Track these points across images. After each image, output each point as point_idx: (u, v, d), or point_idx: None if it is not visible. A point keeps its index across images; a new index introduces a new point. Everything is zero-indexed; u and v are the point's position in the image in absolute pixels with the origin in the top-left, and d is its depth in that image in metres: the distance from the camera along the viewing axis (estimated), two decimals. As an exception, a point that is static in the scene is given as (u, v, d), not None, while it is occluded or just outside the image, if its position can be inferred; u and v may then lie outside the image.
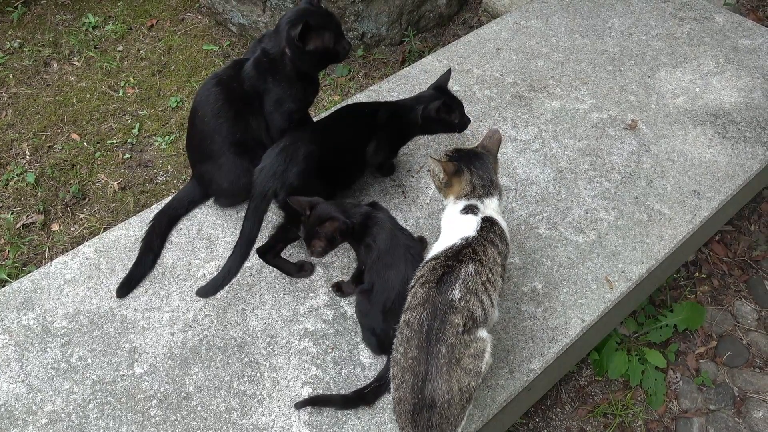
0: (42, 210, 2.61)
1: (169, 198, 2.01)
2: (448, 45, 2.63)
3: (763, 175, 2.21)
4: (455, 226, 1.42)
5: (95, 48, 3.34)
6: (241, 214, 1.76)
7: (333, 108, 2.11)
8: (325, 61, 1.82)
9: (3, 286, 1.99)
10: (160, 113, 3.01)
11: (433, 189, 1.96)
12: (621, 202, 2.02)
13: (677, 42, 2.58)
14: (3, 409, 1.58)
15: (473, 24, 3.43)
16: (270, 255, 1.80)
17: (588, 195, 2.04)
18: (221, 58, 3.28)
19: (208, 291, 1.74)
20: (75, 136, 2.90)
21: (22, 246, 2.50)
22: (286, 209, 1.74)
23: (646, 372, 2.18)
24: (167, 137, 2.88)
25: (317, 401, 1.57)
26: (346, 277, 1.81)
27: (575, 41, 2.60)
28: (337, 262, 1.87)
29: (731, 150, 2.17)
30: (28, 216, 2.60)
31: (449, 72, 1.96)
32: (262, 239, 1.78)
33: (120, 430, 1.54)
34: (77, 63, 3.26)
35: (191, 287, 1.80)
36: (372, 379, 1.59)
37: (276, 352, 1.67)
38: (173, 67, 3.23)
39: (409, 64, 2.80)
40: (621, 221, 1.97)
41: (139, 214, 2.01)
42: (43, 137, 2.90)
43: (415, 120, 1.88)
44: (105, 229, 2.46)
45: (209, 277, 1.76)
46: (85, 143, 2.87)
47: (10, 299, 1.79)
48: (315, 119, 1.96)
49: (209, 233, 1.94)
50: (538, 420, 2.12)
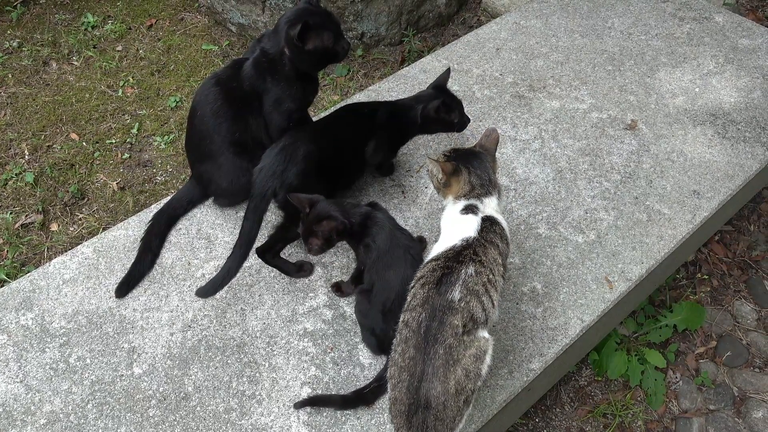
0: (41, 210, 2.61)
1: (168, 198, 2.01)
2: (447, 45, 2.63)
3: (763, 175, 2.21)
4: (455, 226, 1.42)
5: (94, 48, 3.34)
6: (241, 213, 1.76)
7: (332, 108, 2.11)
8: (325, 61, 1.82)
9: (1, 286, 1.99)
10: (159, 113, 3.00)
11: (433, 189, 1.96)
12: (621, 202, 2.02)
13: (677, 42, 2.58)
14: (1, 410, 1.57)
15: (473, 24, 3.43)
16: (269, 255, 1.79)
17: (588, 195, 2.04)
18: (220, 57, 3.27)
19: (207, 291, 1.74)
20: (74, 135, 2.90)
21: (20, 246, 2.50)
22: (285, 209, 1.74)
23: (645, 372, 2.18)
24: (166, 137, 2.88)
25: (316, 401, 1.57)
26: (345, 277, 1.81)
27: (575, 41, 2.60)
28: (337, 262, 1.86)
29: (731, 150, 2.17)
30: (26, 216, 2.59)
31: (448, 71, 1.96)
32: (261, 239, 1.77)
33: (119, 430, 1.54)
34: (76, 63, 3.26)
35: (190, 287, 1.80)
36: (371, 380, 1.59)
37: (275, 352, 1.67)
38: (172, 67, 3.23)
39: (409, 63, 2.79)
40: (620, 221, 1.96)
41: (138, 213, 2.01)
42: (42, 137, 2.89)
43: (415, 119, 1.87)
44: (104, 229, 2.46)
45: (208, 277, 1.76)
46: (84, 143, 2.87)
47: (8, 299, 1.79)
48: (314, 119, 1.96)
49: (208, 233, 1.94)
50: (537, 420, 2.11)
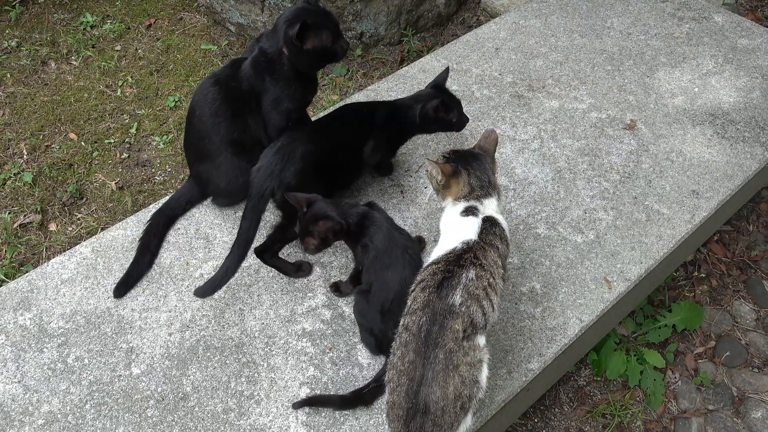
0: (39, 210, 2.60)
1: (167, 198, 2.00)
2: (446, 44, 2.62)
3: (762, 175, 2.21)
4: (456, 228, 1.41)
5: (93, 47, 3.34)
6: (239, 213, 1.76)
7: (331, 108, 2.11)
8: (324, 61, 1.81)
9: (0, 286, 1.98)
10: (158, 113, 3.00)
11: (432, 189, 1.96)
12: (620, 202, 2.02)
13: (676, 42, 2.58)
14: (-1, 410, 1.57)
15: (472, 24, 3.43)
16: (268, 255, 1.79)
17: (587, 195, 2.04)
18: (219, 57, 3.27)
19: (205, 291, 1.74)
20: (73, 135, 2.90)
21: (19, 246, 2.49)
22: (283, 208, 1.74)
23: (644, 372, 2.17)
24: (165, 137, 2.88)
25: (315, 402, 1.57)
26: (344, 278, 1.81)
27: (574, 41, 2.59)
28: (335, 262, 1.86)
29: (730, 150, 2.17)
30: (25, 216, 2.59)
31: (447, 70, 1.95)
32: (259, 239, 1.77)
33: (117, 430, 1.54)
34: (75, 62, 3.25)
35: (189, 287, 1.80)
36: (370, 380, 1.59)
37: (274, 352, 1.67)
38: (171, 67, 3.23)
39: (408, 63, 2.79)
40: (620, 221, 1.96)
41: (137, 213, 2.01)
42: (41, 137, 2.89)
43: (413, 119, 1.87)
44: (102, 229, 2.46)
45: (207, 277, 1.76)
46: (83, 143, 2.87)
47: (6, 299, 1.78)
48: (313, 119, 1.96)
49: (207, 233, 1.94)
50: (536, 420, 2.11)
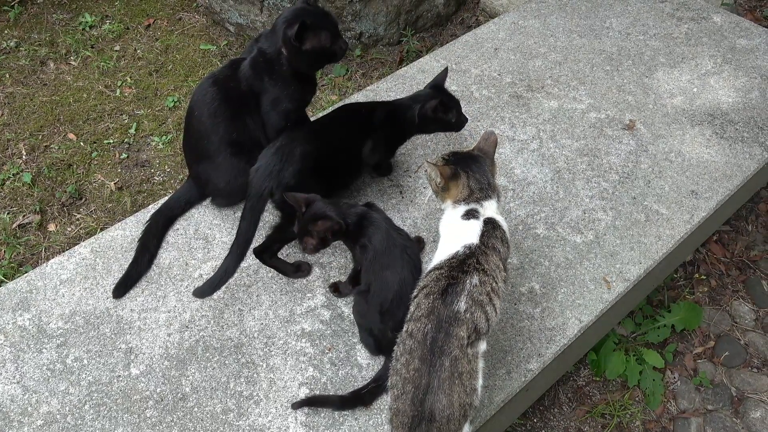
0: (38, 210, 2.60)
1: (166, 198, 2.00)
2: (445, 45, 2.63)
3: (761, 176, 2.21)
4: (457, 232, 1.40)
5: (92, 47, 3.34)
6: (238, 214, 1.76)
7: (330, 108, 2.11)
8: (322, 61, 1.81)
9: (-1, 286, 1.98)
10: (157, 113, 3.00)
11: (431, 190, 1.95)
12: (619, 202, 2.02)
13: (675, 42, 2.58)
14: (-2, 411, 1.57)
15: (471, 24, 3.43)
16: (267, 255, 1.79)
17: (586, 195, 2.04)
18: (218, 57, 3.27)
19: (204, 291, 1.74)
20: (72, 135, 2.89)
21: (18, 246, 2.49)
22: (282, 209, 1.74)
23: (643, 372, 2.18)
24: (164, 137, 2.88)
25: (314, 402, 1.57)
26: (343, 278, 1.81)
27: (573, 41, 2.60)
28: (335, 262, 1.86)
29: (729, 150, 2.17)
30: (24, 216, 2.59)
31: (446, 71, 1.95)
32: (258, 239, 1.77)
33: (116, 431, 1.54)
34: (74, 62, 3.25)
35: (188, 288, 1.80)
36: (369, 380, 1.59)
37: (273, 352, 1.67)
38: (170, 67, 3.23)
39: (407, 63, 2.79)
40: (619, 221, 1.96)
41: (136, 214, 2.01)
42: (40, 137, 2.89)
43: (412, 119, 1.87)
44: (102, 229, 2.45)
45: (206, 278, 1.76)
46: (82, 143, 2.87)
47: (5, 300, 1.78)
48: (312, 119, 1.96)
49: (206, 233, 1.93)
50: (536, 420, 2.11)
